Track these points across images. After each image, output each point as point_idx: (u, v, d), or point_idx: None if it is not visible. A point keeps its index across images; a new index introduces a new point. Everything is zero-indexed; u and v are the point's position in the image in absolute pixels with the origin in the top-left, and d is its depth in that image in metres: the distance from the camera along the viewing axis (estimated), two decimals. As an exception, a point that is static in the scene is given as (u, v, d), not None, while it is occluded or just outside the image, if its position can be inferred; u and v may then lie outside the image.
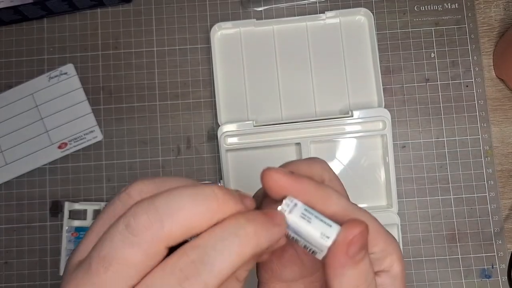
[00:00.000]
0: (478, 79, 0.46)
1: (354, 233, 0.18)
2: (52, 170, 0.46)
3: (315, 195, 0.19)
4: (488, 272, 0.44)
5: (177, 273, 0.15)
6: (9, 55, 0.48)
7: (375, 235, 0.20)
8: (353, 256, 0.18)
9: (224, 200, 0.17)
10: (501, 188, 0.45)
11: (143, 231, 0.16)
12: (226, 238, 0.16)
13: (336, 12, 0.46)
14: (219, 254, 0.16)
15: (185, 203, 0.16)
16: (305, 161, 0.22)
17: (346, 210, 0.20)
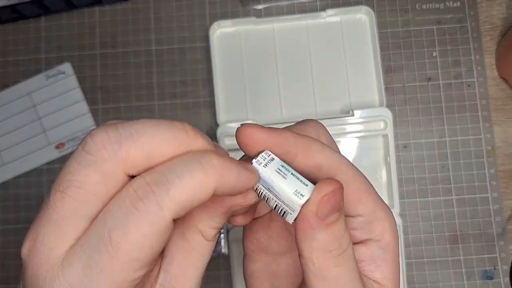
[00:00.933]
0: (480, 79, 0.46)
1: (326, 191, 0.16)
2: (49, 170, 0.46)
3: (295, 145, 0.18)
4: (490, 273, 0.44)
5: (131, 194, 0.14)
6: (6, 54, 0.47)
7: (363, 194, 0.19)
8: (324, 218, 0.16)
9: (194, 135, 0.16)
10: (503, 189, 0.45)
11: (100, 149, 0.14)
12: (188, 163, 0.15)
13: (337, 10, 0.46)
14: (177, 177, 0.14)
15: (149, 128, 0.15)
16: (298, 124, 0.21)
17: (332, 162, 0.18)
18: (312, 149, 0.18)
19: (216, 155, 0.16)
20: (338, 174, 0.18)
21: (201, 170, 0.15)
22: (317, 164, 0.18)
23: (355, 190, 0.19)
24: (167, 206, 0.14)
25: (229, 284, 0.44)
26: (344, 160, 0.19)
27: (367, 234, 0.20)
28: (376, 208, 0.19)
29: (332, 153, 0.19)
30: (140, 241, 0.14)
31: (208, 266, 0.18)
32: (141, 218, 0.14)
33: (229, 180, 0.16)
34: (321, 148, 0.18)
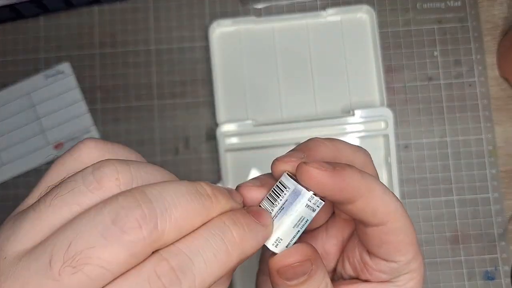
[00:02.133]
0: (482, 78, 0.46)
1: (292, 260, 0.16)
2: (48, 170, 0.46)
3: (358, 191, 0.17)
4: (491, 274, 0.43)
5: (154, 280, 0.13)
6: (4, 54, 0.47)
7: (405, 245, 0.18)
8: (287, 279, 0.17)
9: (217, 198, 0.15)
10: (504, 189, 0.44)
11: (136, 228, 0.13)
12: (212, 241, 0.14)
13: (337, 10, 0.46)
14: (203, 262, 0.14)
15: (181, 198, 0.14)
16: (349, 147, 0.20)
17: (389, 210, 0.18)
18: (374, 194, 0.17)
19: (236, 226, 0.15)
20: (390, 222, 0.18)
21: (225, 251, 0.14)
22: (374, 209, 0.18)
23: (399, 240, 0.18)
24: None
25: (229, 284, 0.44)
26: (400, 207, 0.18)
27: (392, 278, 0.19)
28: (412, 260, 0.19)
29: (391, 200, 0.18)
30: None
31: None
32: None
33: (250, 252, 0.16)
34: (383, 193, 0.18)
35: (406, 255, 0.19)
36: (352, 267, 0.21)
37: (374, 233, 0.18)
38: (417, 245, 0.19)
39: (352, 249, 0.21)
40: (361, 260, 0.20)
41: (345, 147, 0.20)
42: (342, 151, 0.19)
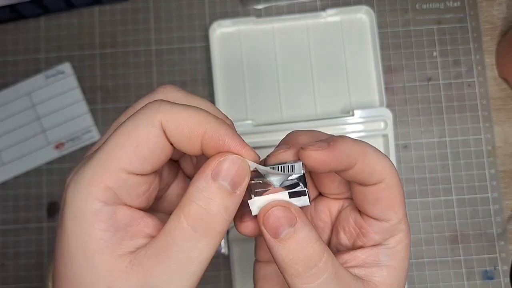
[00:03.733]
0: (481, 79, 0.46)
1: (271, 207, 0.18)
2: (49, 170, 0.46)
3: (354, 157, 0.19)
4: (490, 273, 0.44)
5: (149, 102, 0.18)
6: (5, 54, 0.47)
7: (398, 203, 0.20)
8: (274, 234, 0.18)
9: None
10: (504, 189, 0.45)
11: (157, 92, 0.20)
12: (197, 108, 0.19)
13: (337, 10, 0.46)
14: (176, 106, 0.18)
15: None
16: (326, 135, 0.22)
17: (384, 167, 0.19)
18: (370, 155, 0.19)
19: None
20: (387, 178, 0.19)
21: (203, 111, 0.18)
22: (371, 169, 0.19)
23: (394, 197, 0.20)
24: (163, 109, 0.17)
25: (229, 284, 0.44)
26: (392, 165, 0.20)
27: (384, 240, 0.20)
28: (402, 220, 0.20)
29: (385, 159, 0.20)
30: (133, 130, 0.17)
31: (208, 266, 0.18)
32: (140, 112, 0.18)
33: (222, 132, 0.18)
34: (377, 154, 0.19)
35: (398, 213, 0.20)
36: (347, 236, 0.22)
37: (371, 191, 0.20)
38: (405, 208, 0.20)
39: (346, 219, 0.22)
40: (356, 225, 0.21)
41: (322, 135, 0.22)
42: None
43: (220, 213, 0.17)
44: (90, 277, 0.17)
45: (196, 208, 0.17)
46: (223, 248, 0.43)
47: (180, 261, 0.17)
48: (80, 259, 0.17)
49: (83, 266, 0.17)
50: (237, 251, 0.43)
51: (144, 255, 0.17)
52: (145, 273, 0.17)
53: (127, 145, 0.17)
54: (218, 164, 0.17)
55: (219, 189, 0.17)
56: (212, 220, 0.17)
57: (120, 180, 0.17)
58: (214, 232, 0.17)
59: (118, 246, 0.17)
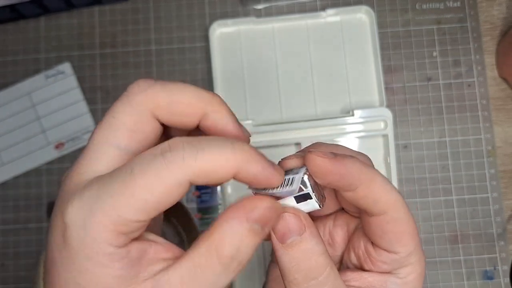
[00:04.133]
0: (481, 79, 0.46)
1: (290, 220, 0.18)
2: (49, 170, 0.46)
3: (358, 179, 0.18)
4: (490, 273, 0.44)
5: (164, 146, 0.16)
6: (5, 54, 0.47)
7: (407, 236, 0.19)
8: (281, 240, 0.18)
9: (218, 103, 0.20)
10: (504, 189, 0.45)
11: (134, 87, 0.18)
12: (222, 141, 0.17)
13: (337, 10, 0.46)
14: (209, 147, 0.16)
15: (178, 84, 0.18)
16: (350, 150, 0.21)
17: (389, 199, 0.19)
18: (375, 183, 0.19)
19: (248, 145, 0.17)
20: (391, 211, 0.19)
21: (231, 150, 0.16)
22: (375, 198, 0.19)
23: (401, 231, 0.19)
24: (189, 164, 0.16)
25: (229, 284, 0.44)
26: (400, 199, 0.19)
27: (392, 269, 0.20)
28: (413, 252, 0.20)
29: (391, 190, 0.19)
30: (155, 183, 0.15)
31: None
32: (164, 164, 0.15)
33: (253, 169, 0.17)
34: (384, 183, 0.19)
35: (407, 247, 0.19)
36: (356, 257, 0.22)
37: (377, 222, 0.19)
38: (418, 240, 0.20)
39: (358, 240, 0.21)
40: (365, 251, 0.21)
41: (344, 149, 0.21)
42: (341, 151, 0.20)
43: (249, 253, 0.17)
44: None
45: (229, 249, 0.17)
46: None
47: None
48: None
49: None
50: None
51: (166, 281, 0.17)
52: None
53: (148, 200, 0.16)
54: (253, 209, 0.17)
55: (251, 233, 0.17)
56: (243, 258, 0.17)
57: (133, 227, 0.16)
58: (240, 267, 0.17)
59: (135, 280, 0.17)
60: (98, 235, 0.16)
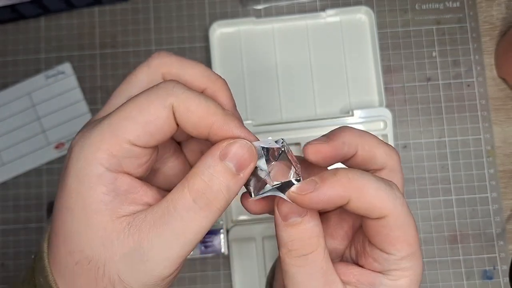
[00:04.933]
0: (480, 79, 0.46)
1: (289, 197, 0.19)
2: (49, 170, 0.46)
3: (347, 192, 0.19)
4: (489, 273, 0.44)
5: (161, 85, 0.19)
6: (5, 54, 0.47)
7: (402, 242, 0.19)
8: (284, 218, 0.19)
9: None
10: (503, 189, 0.45)
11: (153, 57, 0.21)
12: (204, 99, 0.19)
13: (337, 11, 0.46)
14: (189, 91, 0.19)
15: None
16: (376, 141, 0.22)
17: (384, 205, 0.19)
18: (367, 192, 0.19)
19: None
20: (387, 217, 0.19)
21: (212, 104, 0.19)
22: (368, 207, 0.19)
23: (396, 236, 0.19)
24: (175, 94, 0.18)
25: (229, 283, 0.44)
26: (399, 205, 0.19)
27: (384, 270, 0.20)
28: (407, 258, 0.20)
29: (388, 196, 0.19)
30: (144, 104, 0.18)
31: (209, 265, 0.18)
32: (154, 90, 0.19)
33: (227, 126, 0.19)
34: (377, 191, 0.19)
35: (400, 251, 0.19)
36: (355, 252, 0.22)
37: (372, 224, 0.20)
38: (416, 247, 0.20)
39: (359, 235, 0.22)
40: (362, 246, 0.21)
41: (371, 139, 0.21)
42: (366, 140, 0.21)
43: (221, 191, 0.18)
44: (86, 234, 0.18)
45: (200, 182, 0.18)
46: (223, 248, 0.43)
47: (177, 229, 0.18)
48: (79, 216, 0.18)
49: (81, 223, 0.18)
50: (237, 251, 0.44)
51: (142, 219, 0.18)
52: (141, 236, 0.18)
53: (137, 120, 0.18)
54: (228, 146, 0.18)
55: (224, 169, 0.18)
56: (213, 196, 0.18)
57: (125, 150, 0.18)
58: (213, 207, 0.18)
59: (117, 210, 0.18)
60: (92, 155, 0.18)
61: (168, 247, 0.18)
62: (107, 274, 0.18)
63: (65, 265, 0.19)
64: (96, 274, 0.18)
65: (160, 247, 0.18)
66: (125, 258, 0.18)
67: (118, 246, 0.18)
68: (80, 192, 0.18)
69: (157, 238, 0.18)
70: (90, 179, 0.18)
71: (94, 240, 0.18)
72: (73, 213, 0.18)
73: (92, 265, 0.18)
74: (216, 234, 0.44)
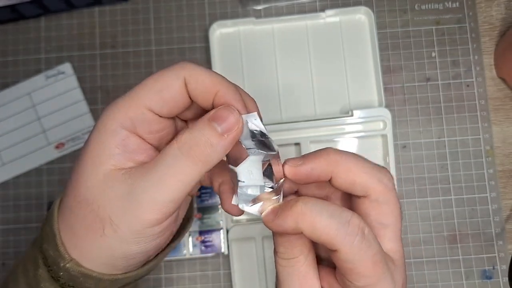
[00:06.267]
0: (479, 79, 0.46)
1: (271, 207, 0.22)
2: (49, 170, 0.46)
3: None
4: (489, 273, 0.44)
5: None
6: (5, 54, 0.47)
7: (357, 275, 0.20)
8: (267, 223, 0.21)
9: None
10: (502, 189, 0.45)
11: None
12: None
13: (336, 11, 0.46)
14: None
15: None
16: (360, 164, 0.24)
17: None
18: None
19: None
20: (339, 251, 0.20)
21: None
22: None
23: (348, 268, 0.21)
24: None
25: (229, 283, 0.44)
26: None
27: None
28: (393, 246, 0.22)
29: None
30: None
31: (209, 265, 0.19)
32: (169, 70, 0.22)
33: None
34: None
35: (358, 282, 0.21)
36: None
37: (332, 254, 0.21)
38: (374, 277, 0.21)
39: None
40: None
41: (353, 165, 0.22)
42: (344, 167, 0.22)
43: (205, 145, 0.20)
44: (89, 179, 0.21)
45: (186, 134, 0.21)
46: (223, 248, 0.43)
47: (162, 173, 0.20)
48: (88, 163, 0.21)
49: (88, 169, 0.21)
50: (237, 250, 0.44)
51: (136, 169, 0.21)
52: (133, 182, 0.20)
53: (153, 88, 0.21)
54: (217, 110, 0.21)
55: (210, 127, 0.21)
56: (196, 145, 0.20)
57: (140, 113, 0.21)
58: (196, 158, 0.20)
59: (121, 161, 0.21)
60: (113, 115, 0.21)
61: (154, 190, 0.20)
62: (100, 215, 0.20)
63: (69, 207, 0.21)
64: (91, 215, 0.21)
65: (147, 190, 0.20)
66: (117, 200, 0.20)
67: (113, 191, 0.20)
68: (96, 144, 0.21)
69: (146, 182, 0.20)
70: (107, 132, 0.21)
71: (94, 184, 0.21)
72: (86, 162, 0.21)
73: (90, 207, 0.21)
74: (216, 234, 0.44)
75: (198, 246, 0.43)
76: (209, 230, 0.44)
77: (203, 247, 0.43)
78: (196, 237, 0.44)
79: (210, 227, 0.44)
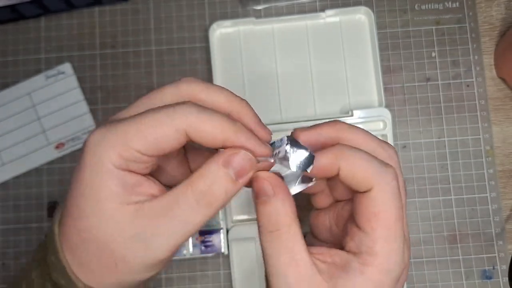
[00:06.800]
0: (479, 79, 0.46)
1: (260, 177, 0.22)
2: (49, 170, 0.46)
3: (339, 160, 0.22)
4: (489, 273, 0.44)
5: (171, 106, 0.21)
6: (5, 54, 0.47)
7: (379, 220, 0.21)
8: (256, 196, 0.22)
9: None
10: (502, 189, 0.45)
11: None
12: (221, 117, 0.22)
13: (336, 11, 0.46)
14: None
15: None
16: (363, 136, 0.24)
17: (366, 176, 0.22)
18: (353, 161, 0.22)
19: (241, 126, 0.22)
20: (372, 189, 0.21)
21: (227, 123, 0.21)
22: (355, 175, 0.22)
23: (374, 211, 0.21)
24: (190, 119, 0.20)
25: (229, 283, 0.44)
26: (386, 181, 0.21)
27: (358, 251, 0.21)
28: (380, 243, 0.21)
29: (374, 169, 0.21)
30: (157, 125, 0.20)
31: (209, 265, 0.19)
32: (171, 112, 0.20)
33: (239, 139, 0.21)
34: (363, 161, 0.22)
35: (374, 231, 0.21)
36: (338, 229, 0.25)
37: (359, 196, 0.22)
38: (392, 231, 0.21)
39: (344, 211, 0.25)
40: (347, 224, 0.23)
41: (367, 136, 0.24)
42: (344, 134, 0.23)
43: (220, 194, 0.21)
44: (95, 216, 0.20)
45: (203, 185, 0.20)
46: (223, 248, 0.43)
47: (177, 221, 0.20)
48: (91, 201, 0.20)
49: (92, 207, 0.20)
50: (237, 250, 0.44)
51: (149, 207, 0.21)
52: (146, 222, 0.20)
53: (149, 137, 0.20)
54: (231, 155, 0.21)
55: (225, 176, 0.21)
56: (213, 198, 0.21)
57: (133, 157, 0.20)
58: (211, 207, 0.21)
59: (125, 198, 0.21)
60: (105, 154, 0.20)
61: (169, 235, 0.20)
62: (111, 253, 0.21)
63: (75, 243, 0.21)
64: (104, 255, 0.21)
65: (162, 235, 0.20)
66: (130, 240, 0.20)
67: (125, 229, 0.20)
68: (94, 182, 0.20)
69: (161, 227, 0.20)
70: (103, 173, 0.20)
71: (102, 222, 0.20)
72: (85, 198, 0.20)
73: (98, 243, 0.20)
74: (216, 234, 0.44)
75: (198, 246, 0.43)
76: (209, 230, 0.44)
77: (203, 247, 0.43)
78: (196, 237, 0.44)
79: (210, 227, 0.44)
